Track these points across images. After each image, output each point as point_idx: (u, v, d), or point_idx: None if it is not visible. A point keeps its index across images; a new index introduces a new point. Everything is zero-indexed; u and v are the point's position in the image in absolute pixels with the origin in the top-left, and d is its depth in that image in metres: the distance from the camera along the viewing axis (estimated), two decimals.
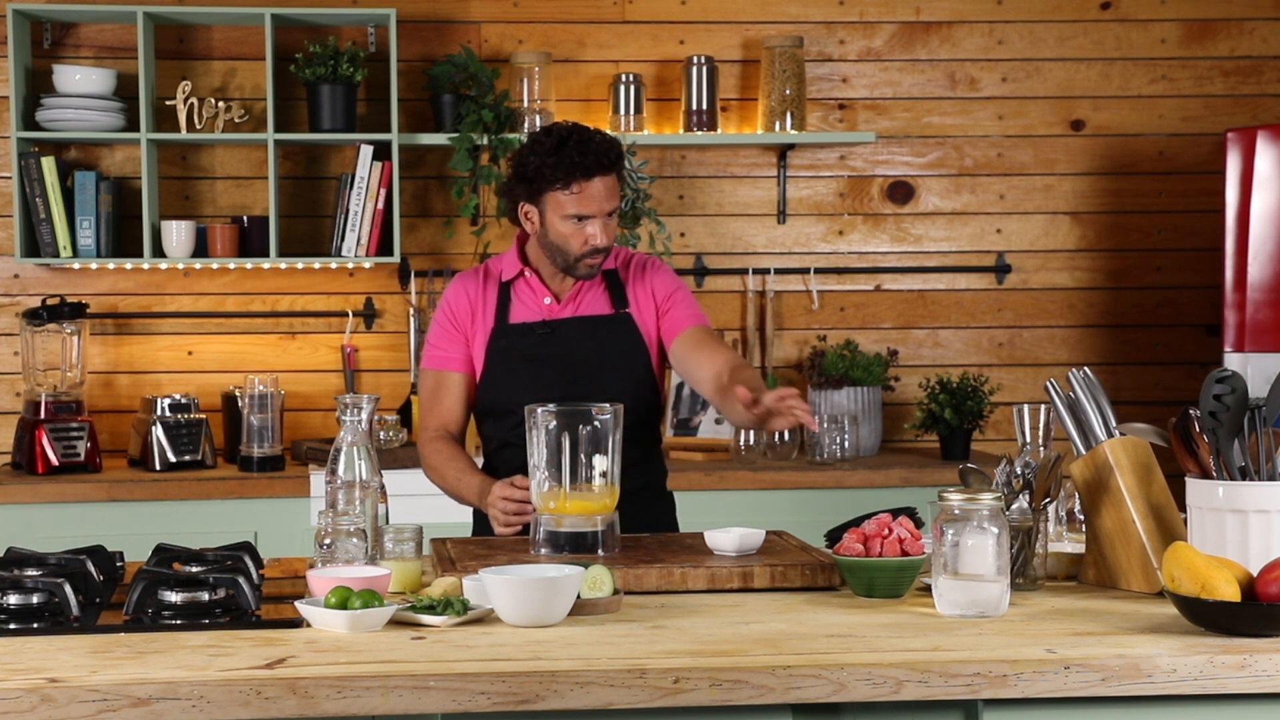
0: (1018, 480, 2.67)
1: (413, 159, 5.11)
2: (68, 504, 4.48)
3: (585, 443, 2.82)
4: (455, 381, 3.35)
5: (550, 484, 2.83)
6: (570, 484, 2.82)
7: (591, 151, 3.17)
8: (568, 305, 3.35)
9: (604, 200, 3.20)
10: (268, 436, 4.68)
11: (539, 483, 2.85)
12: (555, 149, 3.18)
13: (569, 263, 3.26)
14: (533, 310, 3.35)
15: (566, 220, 3.21)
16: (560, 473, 2.82)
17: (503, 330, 3.32)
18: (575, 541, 2.82)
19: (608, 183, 3.21)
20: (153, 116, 4.86)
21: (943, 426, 4.93)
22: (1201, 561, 2.27)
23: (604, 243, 3.23)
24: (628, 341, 3.35)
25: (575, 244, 3.23)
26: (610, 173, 3.21)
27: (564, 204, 3.19)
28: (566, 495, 2.82)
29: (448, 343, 3.35)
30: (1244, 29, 5.36)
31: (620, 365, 3.33)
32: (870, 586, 2.56)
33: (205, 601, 2.40)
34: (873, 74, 5.29)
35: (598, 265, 3.28)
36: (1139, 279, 5.37)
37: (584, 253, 3.24)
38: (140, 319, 5.08)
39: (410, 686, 2.04)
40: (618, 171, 3.24)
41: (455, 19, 5.15)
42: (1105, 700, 2.16)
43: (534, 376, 3.28)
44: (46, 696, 1.98)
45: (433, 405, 3.38)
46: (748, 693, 2.08)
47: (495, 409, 3.34)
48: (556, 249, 3.26)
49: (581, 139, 3.19)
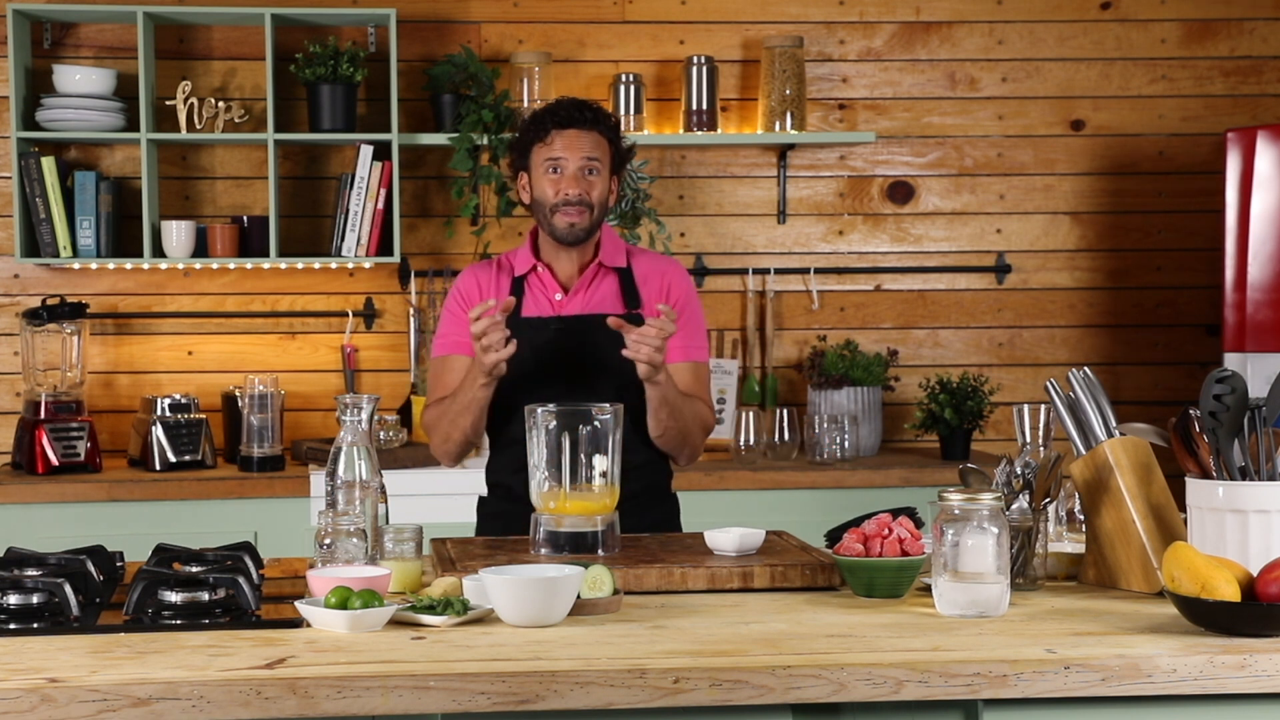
0: (1018, 480, 2.67)
1: (413, 159, 5.11)
2: (68, 504, 4.48)
3: (585, 443, 2.82)
4: (461, 365, 3.33)
5: (550, 484, 2.83)
6: (570, 484, 2.82)
7: (564, 106, 3.34)
8: (576, 297, 3.36)
9: (577, 150, 3.31)
10: (268, 436, 4.68)
11: (539, 483, 2.84)
12: (539, 112, 3.37)
13: (548, 219, 3.32)
14: (543, 305, 3.36)
15: (543, 170, 3.32)
16: (560, 473, 2.82)
17: (514, 324, 3.30)
18: (575, 541, 2.82)
19: (585, 137, 3.32)
20: (153, 116, 4.86)
21: (943, 426, 4.93)
22: (1201, 561, 2.27)
23: (575, 192, 3.29)
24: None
25: (549, 194, 3.30)
26: (588, 129, 3.32)
27: (541, 155, 3.32)
28: (567, 495, 2.82)
29: (457, 328, 3.36)
30: (1244, 29, 5.36)
31: (629, 364, 3.32)
32: (870, 586, 2.56)
33: (205, 601, 2.40)
34: (873, 74, 5.29)
35: (578, 225, 3.31)
36: (1139, 279, 5.37)
37: (557, 202, 3.29)
38: (140, 319, 5.08)
39: (410, 686, 2.04)
40: (600, 132, 3.34)
41: (455, 19, 5.15)
42: (1105, 700, 2.16)
43: (544, 371, 3.29)
44: (46, 696, 1.98)
45: (434, 384, 3.39)
46: (748, 693, 2.08)
47: (505, 403, 3.33)
48: (539, 206, 3.34)
49: (561, 100, 3.40)
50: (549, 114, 3.35)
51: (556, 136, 3.32)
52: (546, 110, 3.36)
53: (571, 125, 3.32)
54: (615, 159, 3.38)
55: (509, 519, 3.29)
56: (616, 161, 3.39)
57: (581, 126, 3.32)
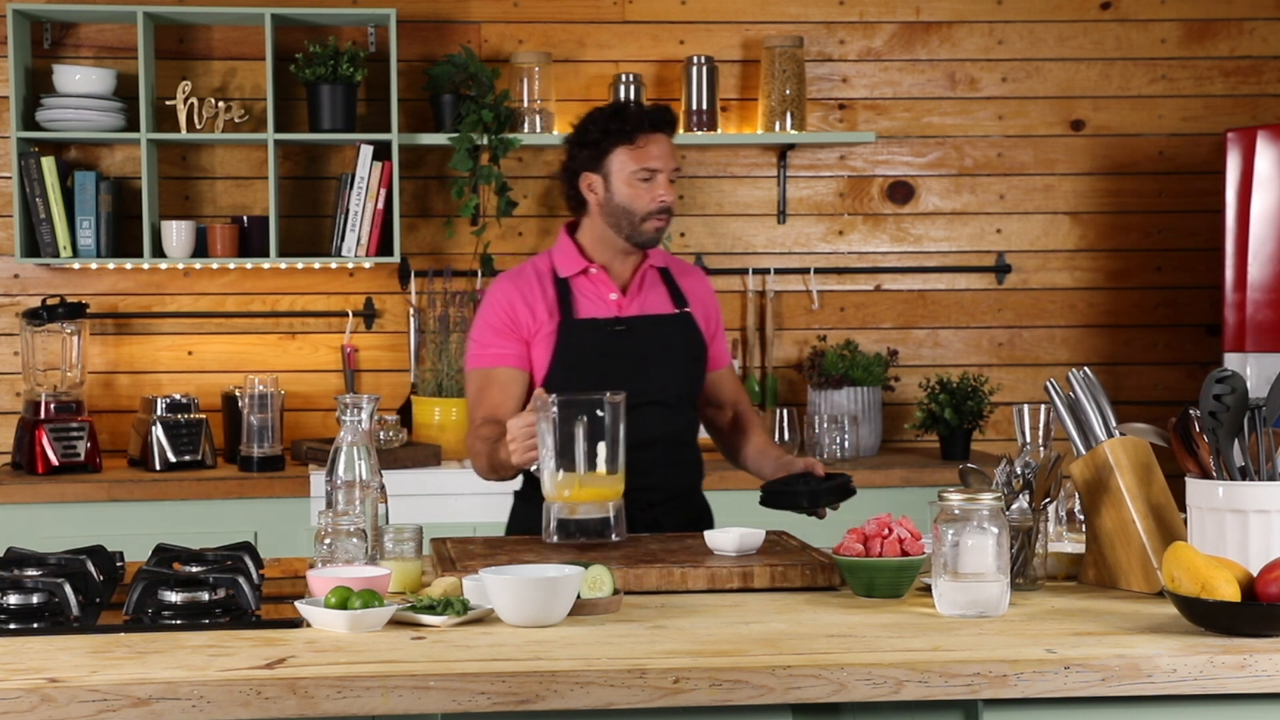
0: (1018, 480, 2.67)
1: (413, 159, 5.11)
2: (68, 504, 4.48)
3: (595, 431, 2.83)
4: (508, 377, 3.29)
5: (563, 472, 2.84)
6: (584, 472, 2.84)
7: (652, 110, 3.29)
8: (634, 300, 3.36)
9: (669, 156, 3.27)
10: (268, 436, 4.68)
11: (551, 471, 2.85)
12: (615, 113, 3.29)
13: (635, 226, 3.27)
14: (600, 305, 3.33)
15: (633, 178, 3.25)
16: (573, 461, 2.83)
17: (570, 326, 3.29)
18: (587, 528, 2.85)
19: (669, 142, 3.29)
20: (153, 116, 4.86)
21: (943, 426, 4.93)
22: (1201, 561, 2.27)
23: (671, 200, 3.27)
24: (691, 341, 3.39)
25: (643, 202, 3.25)
26: (670, 133, 3.29)
27: (630, 161, 3.25)
28: (581, 483, 2.83)
29: (500, 340, 3.30)
30: (1244, 29, 5.36)
31: (682, 364, 3.37)
32: (870, 586, 2.56)
33: (205, 601, 2.40)
34: (873, 74, 5.29)
35: (663, 230, 3.30)
36: (1139, 279, 5.37)
37: (652, 210, 3.26)
38: (140, 319, 5.08)
39: (410, 686, 2.04)
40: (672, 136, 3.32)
41: (455, 19, 5.15)
42: (1105, 700, 2.16)
43: (605, 372, 3.24)
44: (46, 696, 1.98)
45: (479, 400, 3.31)
46: (748, 693, 2.08)
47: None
48: (622, 213, 3.27)
49: (639, 103, 3.35)
50: (638, 117, 3.26)
51: (648, 142, 3.25)
52: (629, 111, 3.28)
53: (661, 130, 3.27)
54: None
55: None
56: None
57: (668, 131, 3.28)
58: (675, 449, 3.35)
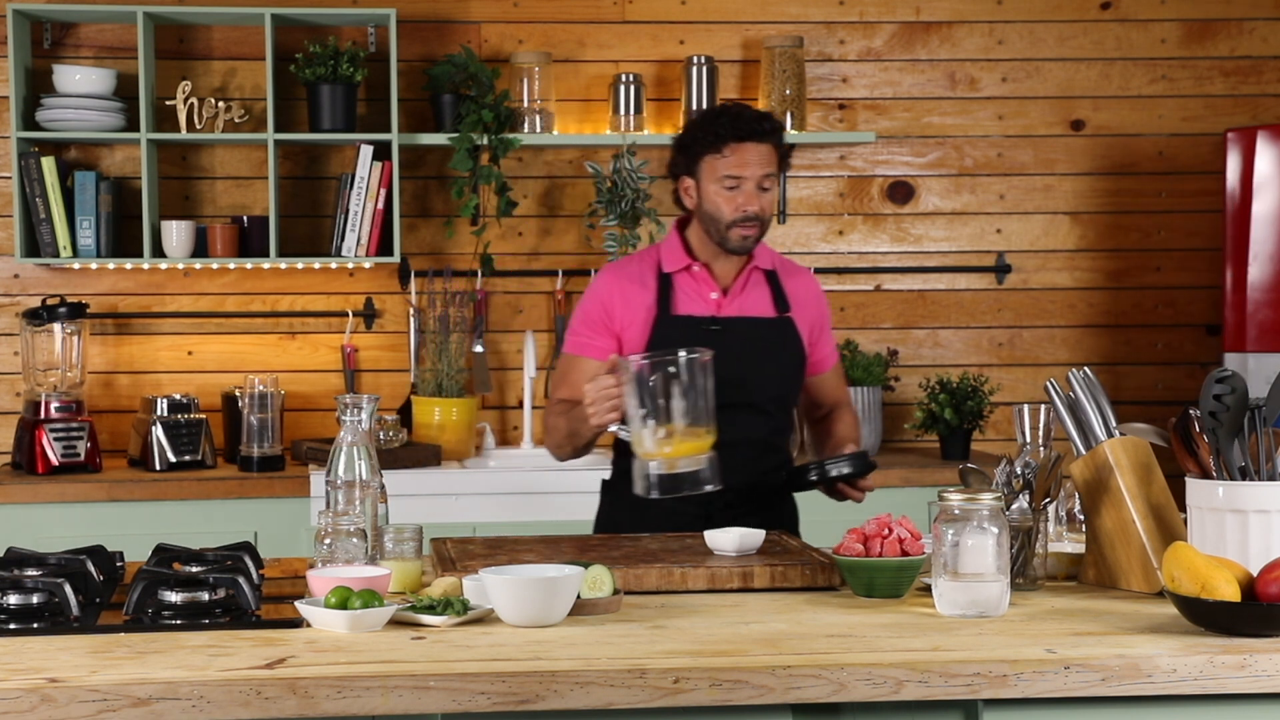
0: (1018, 480, 2.67)
1: (413, 159, 5.11)
2: (68, 504, 4.48)
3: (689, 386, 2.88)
4: (594, 368, 3.31)
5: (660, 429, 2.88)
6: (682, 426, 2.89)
7: (745, 119, 3.28)
8: (734, 301, 3.36)
9: (756, 165, 3.27)
10: (268, 436, 4.68)
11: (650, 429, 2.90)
12: (712, 119, 3.30)
13: (722, 233, 3.29)
14: (698, 303, 3.35)
15: (719, 186, 3.27)
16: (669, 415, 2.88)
17: (666, 321, 3.32)
18: (687, 481, 2.91)
19: (761, 150, 3.28)
20: (153, 116, 4.86)
21: (943, 426, 4.93)
22: (1201, 561, 2.27)
23: (755, 209, 3.27)
24: (790, 346, 3.39)
25: (727, 210, 3.27)
26: (763, 141, 3.28)
27: (717, 168, 3.27)
28: (680, 437, 2.88)
29: (592, 331, 3.35)
30: (1244, 29, 5.36)
31: (779, 368, 3.38)
32: (870, 586, 2.56)
33: (205, 601, 2.40)
34: (873, 74, 5.29)
35: (750, 238, 3.30)
36: (1139, 279, 5.37)
37: (735, 218, 3.27)
38: (140, 319, 5.08)
39: (410, 686, 2.04)
40: (774, 144, 3.31)
41: (455, 19, 5.15)
42: (1105, 700, 2.16)
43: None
44: (46, 696, 1.98)
45: (562, 383, 3.37)
46: (748, 693, 2.08)
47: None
48: (711, 218, 3.30)
49: (738, 110, 3.32)
50: (727, 126, 3.27)
51: (734, 151, 3.27)
52: (722, 119, 3.29)
53: (749, 139, 3.27)
54: (781, 164, 3.36)
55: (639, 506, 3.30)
56: (782, 166, 3.37)
57: (758, 139, 3.28)
58: (763, 453, 3.36)
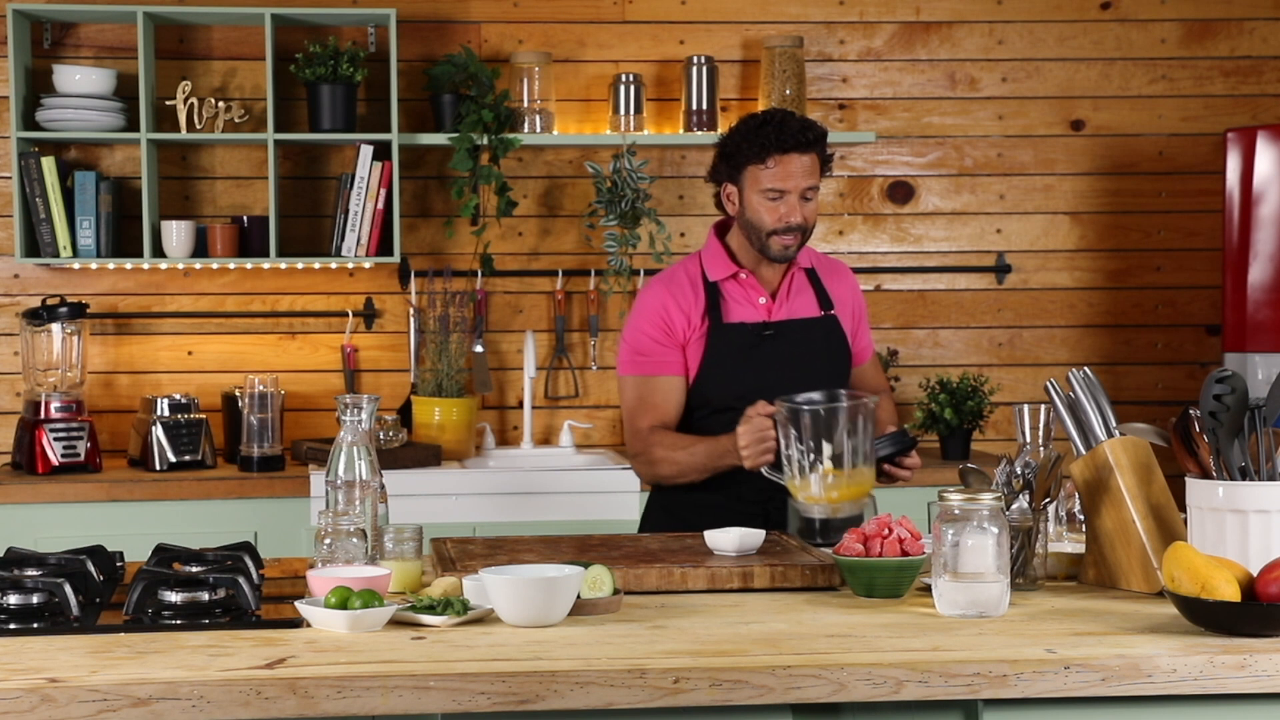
0: (1018, 480, 2.67)
1: (413, 159, 5.11)
2: (68, 504, 4.48)
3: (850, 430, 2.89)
4: (669, 385, 3.35)
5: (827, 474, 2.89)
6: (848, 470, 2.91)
7: (790, 129, 3.27)
8: (783, 305, 3.39)
9: (799, 177, 3.27)
10: (268, 436, 4.68)
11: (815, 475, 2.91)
12: (757, 128, 3.29)
13: (763, 241, 3.31)
14: (748, 309, 3.38)
15: (762, 196, 3.28)
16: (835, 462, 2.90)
17: (720, 329, 3.34)
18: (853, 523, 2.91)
19: (805, 161, 3.28)
20: (153, 116, 4.86)
21: (943, 426, 4.93)
22: (1201, 561, 2.27)
23: (798, 220, 3.28)
24: (837, 344, 3.44)
25: (769, 220, 3.28)
26: (807, 152, 3.28)
27: (760, 179, 3.28)
28: (847, 482, 2.89)
29: (658, 348, 3.36)
30: (1244, 29, 5.36)
31: (829, 367, 3.41)
32: (870, 586, 2.56)
33: (205, 601, 2.40)
34: (873, 74, 5.29)
35: (792, 248, 3.32)
36: (1139, 279, 5.37)
37: (776, 228, 3.28)
38: (140, 319, 5.08)
39: (410, 686, 2.04)
40: (818, 153, 3.31)
41: (455, 19, 5.15)
42: (1105, 700, 2.16)
43: (755, 375, 3.32)
44: (46, 696, 1.98)
45: (642, 407, 3.37)
46: (748, 693, 2.07)
47: (712, 406, 3.36)
48: (752, 227, 3.32)
49: (782, 119, 3.30)
50: (772, 137, 3.26)
51: (778, 162, 3.26)
52: (766, 129, 3.28)
53: (794, 150, 3.26)
54: (823, 171, 3.36)
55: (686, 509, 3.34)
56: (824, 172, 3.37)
57: (802, 150, 3.27)
58: None
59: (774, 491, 3.27)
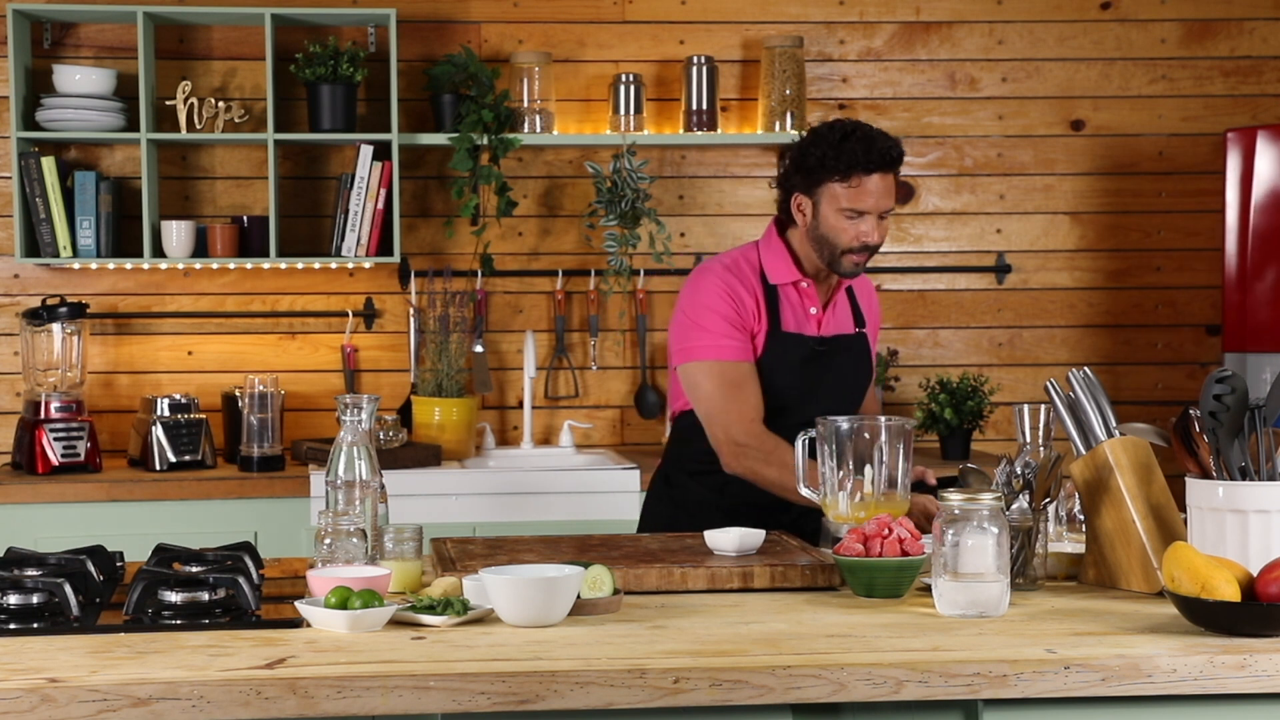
0: (1018, 480, 2.67)
1: (413, 159, 5.11)
2: (68, 504, 4.48)
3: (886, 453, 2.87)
4: (753, 373, 3.29)
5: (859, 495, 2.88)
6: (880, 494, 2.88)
7: (875, 149, 3.21)
8: (829, 319, 3.39)
9: (881, 197, 3.23)
10: (268, 436, 4.68)
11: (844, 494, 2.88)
12: (839, 142, 3.22)
13: (834, 257, 3.28)
14: (801, 320, 3.36)
15: (840, 214, 3.24)
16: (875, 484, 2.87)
17: (778, 338, 3.32)
18: None
19: (886, 181, 3.24)
20: (153, 116, 4.86)
21: (943, 426, 4.93)
22: (1201, 561, 2.27)
23: (876, 241, 3.26)
24: (865, 362, 3.45)
25: (845, 238, 3.25)
26: (890, 171, 3.24)
27: (840, 197, 3.23)
28: (876, 504, 2.87)
29: (736, 331, 3.28)
30: (1244, 29, 5.36)
31: (857, 384, 3.43)
32: (870, 586, 2.56)
33: (205, 601, 2.40)
34: (873, 74, 5.29)
35: (862, 265, 3.30)
36: (1139, 279, 5.37)
37: (852, 247, 3.25)
38: (140, 319, 5.08)
39: (410, 686, 2.04)
40: (897, 172, 3.27)
41: (455, 19, 5.15)
42: (1105, 700, 2.16)
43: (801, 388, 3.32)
44: (46, 696, 1.98)
45: (735, 399, 3.25)
46: (748, 693, 2.08)
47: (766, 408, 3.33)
48: (824, 241, 3.27)
49: (866, 135, 3.23)
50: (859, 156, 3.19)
51: (863, 182, 3.21)
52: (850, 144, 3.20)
53: (879, 170, 3.21)
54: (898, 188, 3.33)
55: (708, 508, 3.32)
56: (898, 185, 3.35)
57: (886, 170, 3.23)
58: None
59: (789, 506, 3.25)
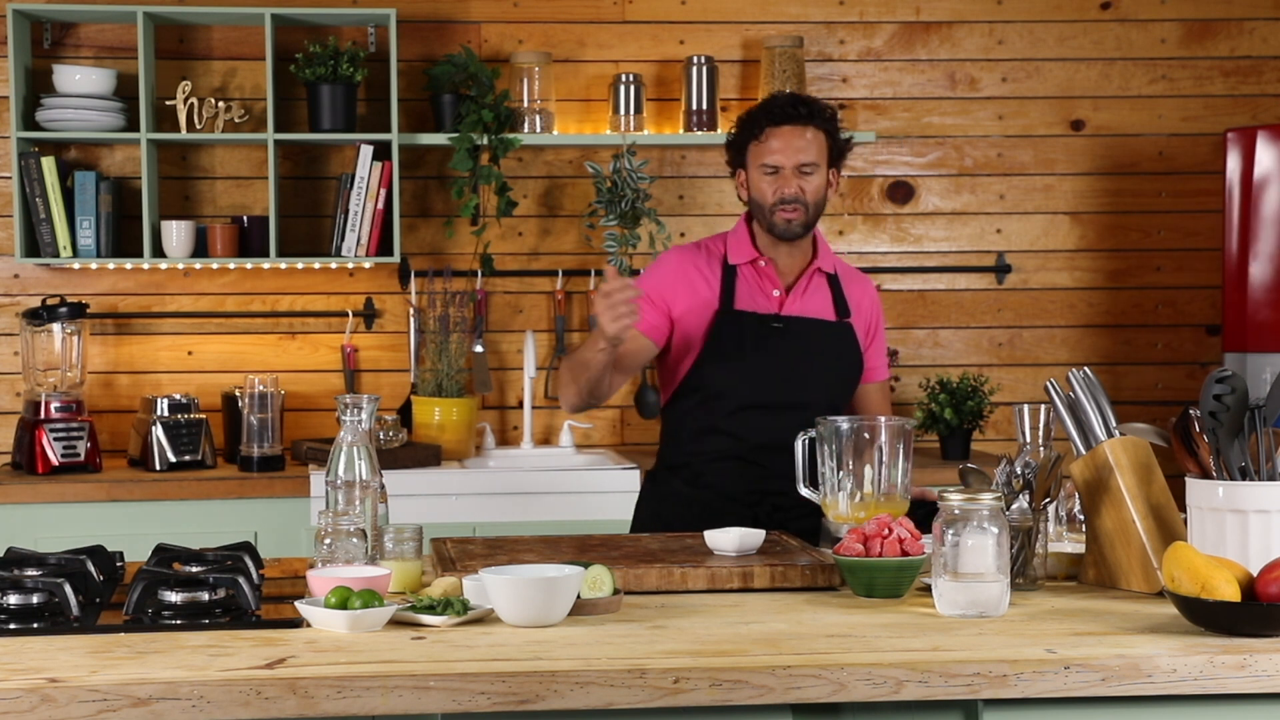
0: (1018, 480, 2.67)
1: (413, 159, 5.11)
2: (68, 504, 4.48)
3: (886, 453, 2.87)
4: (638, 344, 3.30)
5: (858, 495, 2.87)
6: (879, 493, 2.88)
7: (778, 102, 3.31)
8: (795, 300, 3.38)
9: (794, 151, 3.28)
10: (268, 436, 4.68)
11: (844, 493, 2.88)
12: (753, 108, 3.35)
13: (768, 220, 3.32)
14: (760, 300, 3.36)
15: (760, 172, 3.31)
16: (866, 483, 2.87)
17: (729, 316, 3.32)
18: None
19: (799, 133, 3.29)
20: (153, 116, 4.86)
21: (943, 426, 4.93)
22: (1201, 561, 2.27)
23: (792, 192, 3.28)
24: (847, 351, 3.41)
25: (769, 195, 3.30)
26: (801, 125, 3.29)
27: (758, 154, 3.32)
28: (875, 504, 2.87)
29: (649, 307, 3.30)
30: (1244, 29, 5.36)
31: (835, 372, 3.40)
32: (870, 586, 2.56)
33: (205, 601, 2.40)
34: (873, 74, 5.29)
35: (795, 222, 3.31)
36: (1139, 279, 5.37)
37: (774, 202, 3.30)
38: (140, 319, 5.08)
39: (410, 686, 2.04)
40: (818, 127, 3.31)
41: (455, 19, 5.15)
42: (1105, 700, 2.16)
43: (756, 368, 3.30)
44: (46, 696, 1.98)
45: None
46: (748, 693, 2.08)
47: (708, 391, 3.34)
48: (757, 206, 3.34)
49: (777, 94, 3.36)
50: (763, 111, 3.32)
51: (772, 135, 3.30)
52: (761, 107, 3.34)
53: (786, 122, 3.30)
54: (833, 152, 3.37)
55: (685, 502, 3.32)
56: (834, 154, 3.37)
57: (797, 123, 3.30)
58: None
59: (767, 493, 3.25)
